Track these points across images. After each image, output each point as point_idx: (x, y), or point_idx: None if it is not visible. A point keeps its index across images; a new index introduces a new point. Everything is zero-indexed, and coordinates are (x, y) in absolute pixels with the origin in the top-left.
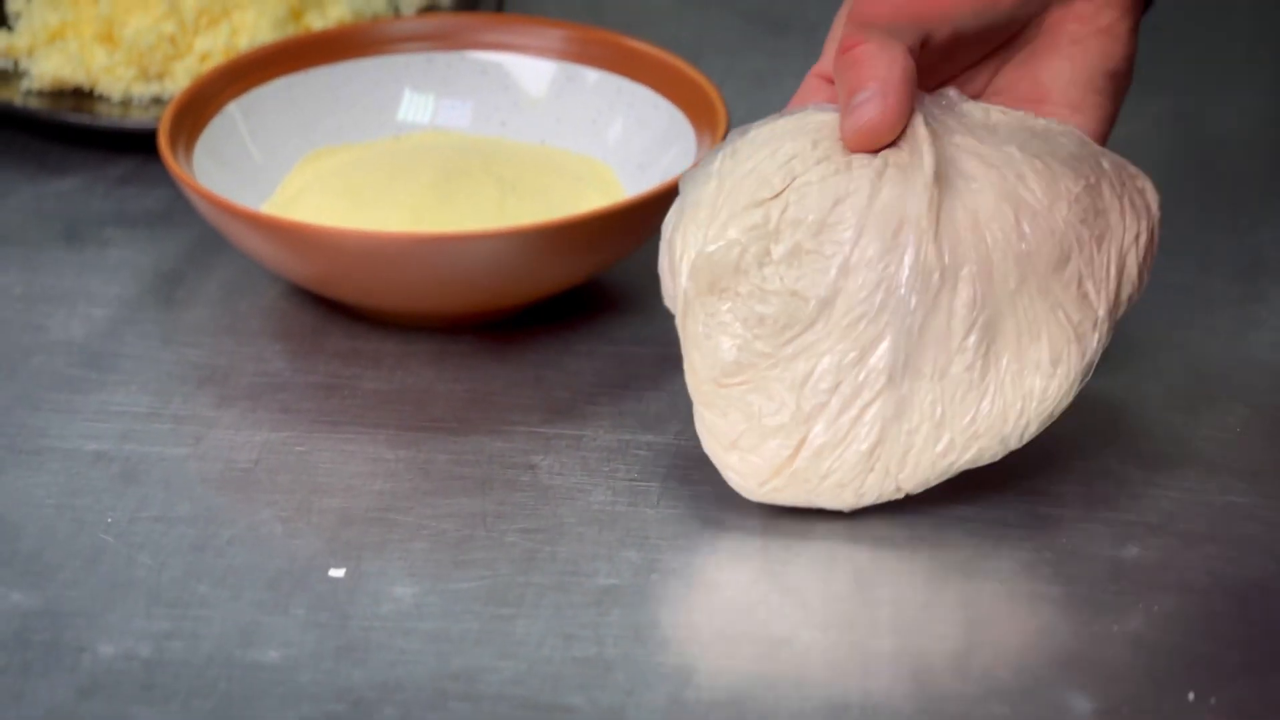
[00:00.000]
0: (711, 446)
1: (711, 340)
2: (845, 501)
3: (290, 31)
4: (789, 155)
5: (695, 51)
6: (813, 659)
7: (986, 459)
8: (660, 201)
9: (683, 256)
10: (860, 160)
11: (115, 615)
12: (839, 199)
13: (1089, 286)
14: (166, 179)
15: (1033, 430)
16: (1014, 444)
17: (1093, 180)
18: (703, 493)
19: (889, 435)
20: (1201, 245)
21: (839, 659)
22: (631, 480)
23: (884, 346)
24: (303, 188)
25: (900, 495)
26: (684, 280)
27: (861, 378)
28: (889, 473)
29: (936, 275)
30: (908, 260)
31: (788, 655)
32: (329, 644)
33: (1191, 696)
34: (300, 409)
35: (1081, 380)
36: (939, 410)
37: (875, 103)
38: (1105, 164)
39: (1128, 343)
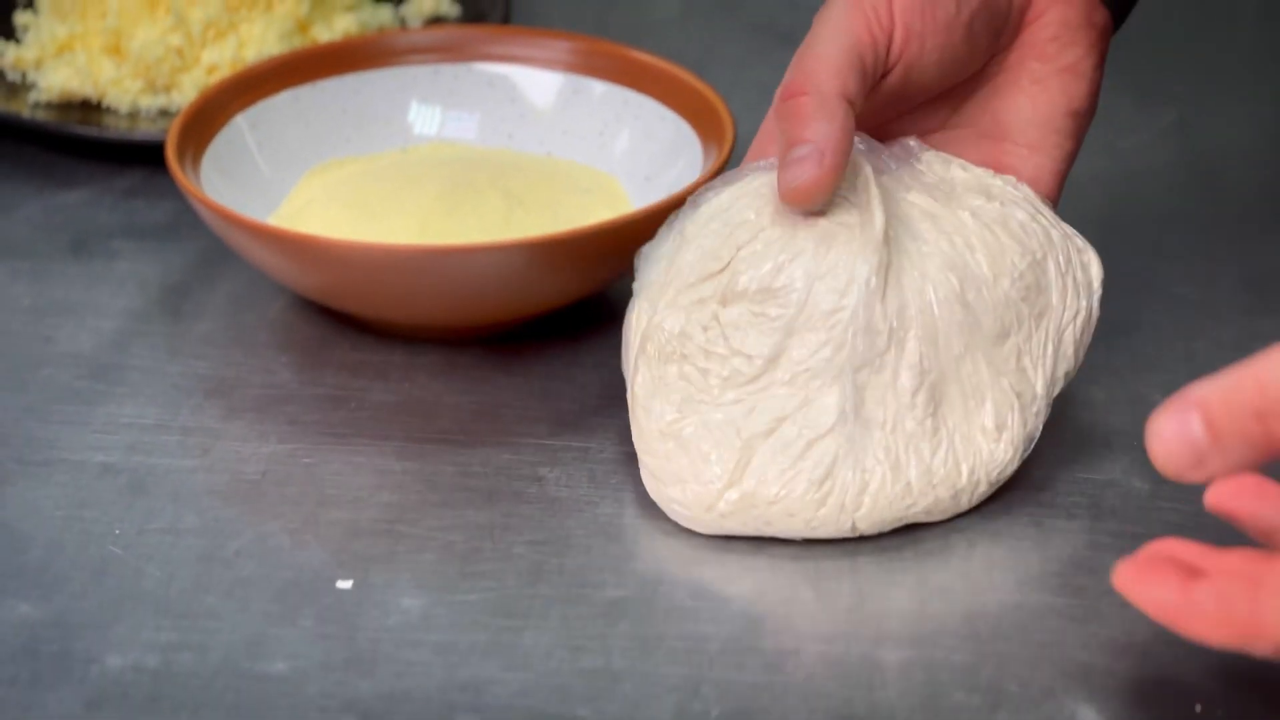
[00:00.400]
0: (654, 489)
1: (656, 400)
2: (795, 530)
3: (297, 44)
4: (735, 225)
5: (701, 63)
6: (820, 671)
7: (938, 514)
8: (667, 214)
9: (636, 332)
10: (807, 222)
11: (123, 627)
12: (784, 264)
13: (1026, 362)
14: (174, 191)
15: (983, 490)
16: (965, 503)
17: (1039, 256)
18: None
19: (842, 468)
20: (1207, 257)
21: (846, 671)
22: (639, 492)
23: (832, 397)
24: (310, 199)
25: (855, 535)
26: (634, 352)
27: (809, 416)
28: (844, 508)
29: (884, 336)
30: (856, 321)
31: (794, 667)
32: (337, 655)
33: (1199, 708)
34: (307, 421)
35: (1026, 448)
36: (894, 455)
37: (811, 162)
38: (1054, 236)
39: (1134, 355)
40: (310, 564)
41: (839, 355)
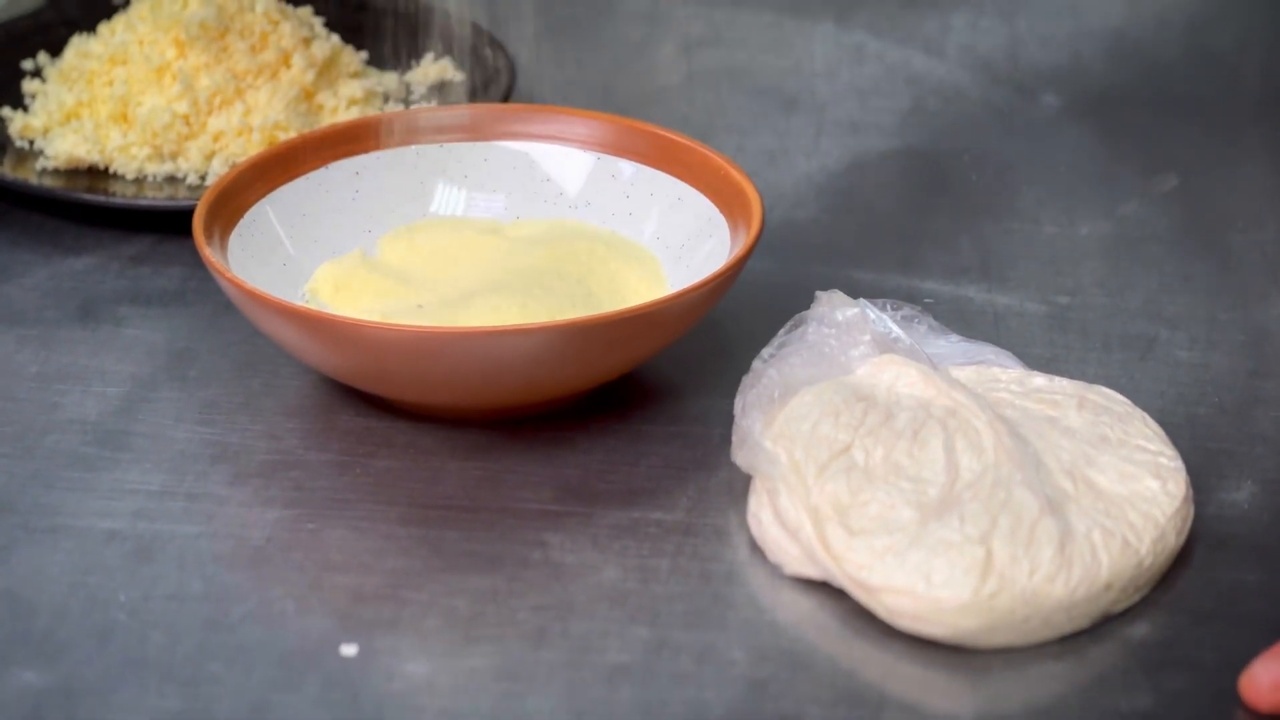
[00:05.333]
0: (902, 583)
1: (862, 537)
2: (1057, 593)
3: (303, 111)
4: (834, 414)
5: (706, 130)
6: None
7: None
8: (700, 295)
9: (799, 522)
10: (904, 417)
11: (128, 693)
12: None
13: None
14: (180, 258)
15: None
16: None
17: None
18: (712, 570)
19: (1073, 535)
20: (1209, 321)
21: None
22: (642, 558)
23: (1024, 491)
24: (336, 280)
25: (1110, 591)
26: (820, 531)
27: (1017, 509)
28: (1088, 565)
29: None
30: (996, 455)
31: None
32: None
33: None
34: (312, 487)
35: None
36: (1101, 515)
37: None
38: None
39: None
40: (314, 630)
41: (1002, 471)
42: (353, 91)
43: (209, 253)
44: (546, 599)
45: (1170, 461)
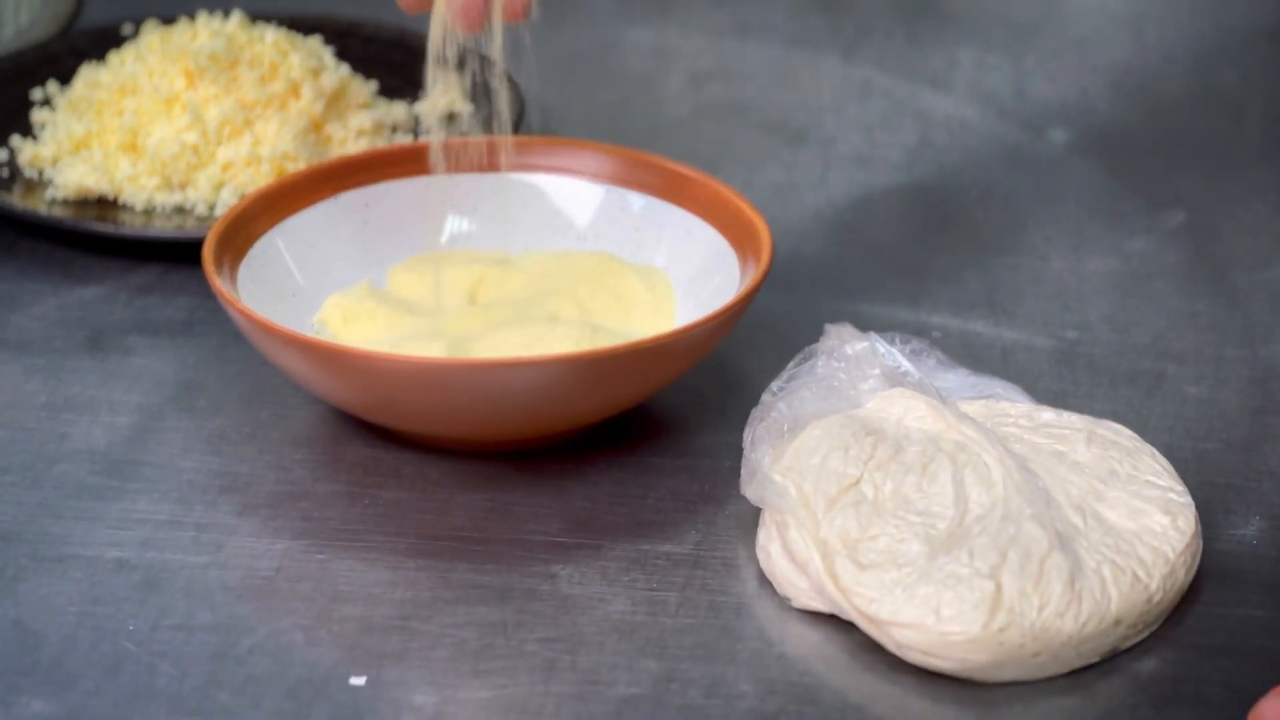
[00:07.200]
0: (912, 618)
1: (871, 572)
2: (1067, 629)
3: (311, 141)
4: (844, 447)
5: (714, 163)
6: None
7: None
8: (710, 326)
9: (808, 555)
10: (913, 451)
11: None
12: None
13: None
14: (188, 288)
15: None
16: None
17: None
18: (720, 602)
19: (1083, 570)
20: (1216, 358)
21: None
22: (650, 590)
23: (1034, 526)
24: (346, 310)
25: (1119, 627)
26: (829, 564)
27: (1026, 544)
28: (1097, 601)
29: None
30: (1009, 489)
31: None
32: None
33: None
34: (321, 517)
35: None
36: (1110, 550)
37: None
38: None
39: None
40: (323, 661)
41: (1012, 506)
42: (362, 122)
43: (219, 283)
44: (555, 631)
45: (1179, 497)
